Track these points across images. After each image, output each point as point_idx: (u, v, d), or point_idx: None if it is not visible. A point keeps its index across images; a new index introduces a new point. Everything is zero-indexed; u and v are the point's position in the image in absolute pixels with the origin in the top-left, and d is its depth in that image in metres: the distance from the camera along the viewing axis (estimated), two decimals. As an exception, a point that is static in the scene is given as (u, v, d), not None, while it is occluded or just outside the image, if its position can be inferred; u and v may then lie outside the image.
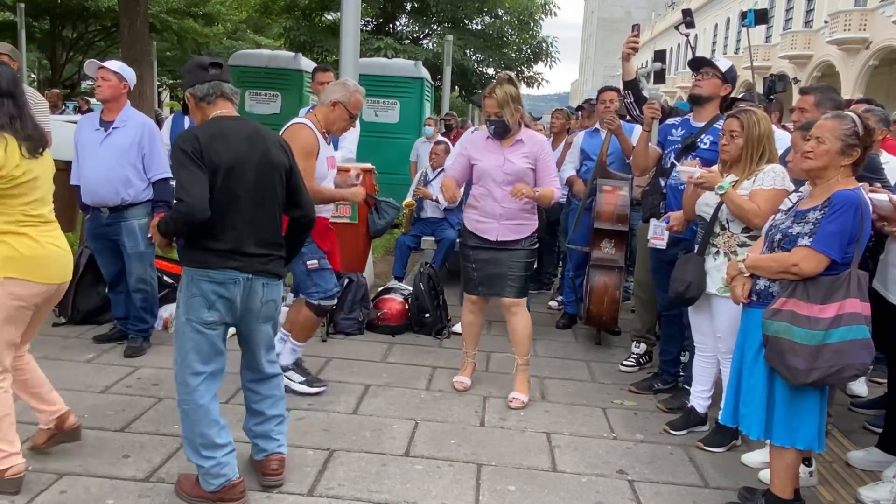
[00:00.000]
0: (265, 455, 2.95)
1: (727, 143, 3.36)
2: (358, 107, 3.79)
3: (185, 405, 2.72)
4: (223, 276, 2.67)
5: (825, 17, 29.01)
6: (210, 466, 2.70)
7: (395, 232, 7.43)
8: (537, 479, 3.16)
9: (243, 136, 2.72)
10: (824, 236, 2.60)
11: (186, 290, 2.70)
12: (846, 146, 2.66)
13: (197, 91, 2.77)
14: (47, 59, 23.69)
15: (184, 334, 2.70)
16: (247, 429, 3.00)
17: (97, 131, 4.29)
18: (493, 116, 3.82)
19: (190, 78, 2.79)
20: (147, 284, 4.49)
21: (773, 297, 2.78)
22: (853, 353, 2.56)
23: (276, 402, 2.99)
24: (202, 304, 2.67)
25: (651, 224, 4.04)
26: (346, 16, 5.85)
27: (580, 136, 5.63)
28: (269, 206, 2.77)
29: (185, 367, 2.71)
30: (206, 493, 2.72)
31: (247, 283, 2.71)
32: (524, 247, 3.99)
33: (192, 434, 2.71)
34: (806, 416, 2.71)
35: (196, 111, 2.82)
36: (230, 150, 2.66)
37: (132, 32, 8.59)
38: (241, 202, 2.68)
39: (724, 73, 3.94)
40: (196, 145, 2.60)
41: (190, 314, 2.68)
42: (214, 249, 2.66)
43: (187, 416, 2.72)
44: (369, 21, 20.10)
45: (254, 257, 2.72)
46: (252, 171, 2.70)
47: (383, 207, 5.05)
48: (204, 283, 2.66)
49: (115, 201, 4.29)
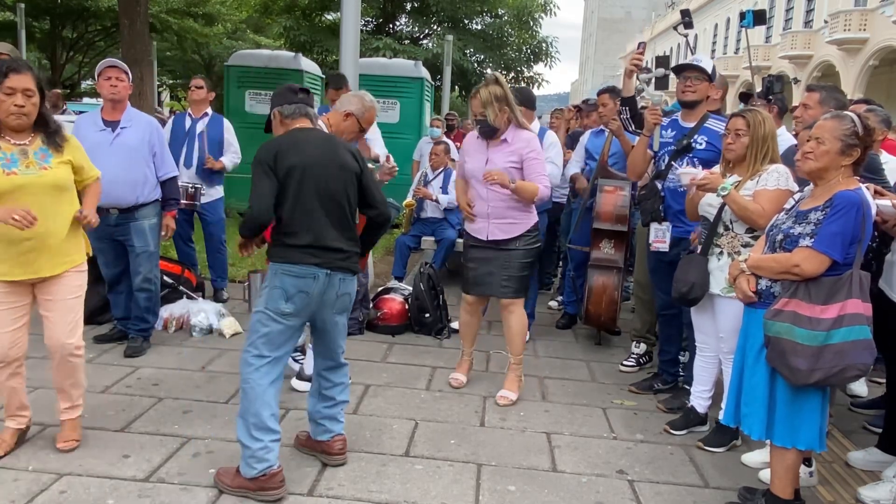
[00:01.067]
0: (332, 436, 3.17)
1: (732, 142, 3.35)
2: (370, 122, 3.92)
3: (246, 384, 2.88)
4: (304, 270, 2.86)
5: (825, 17, 29.01)
6: (257, 448, 2.82)
7: (395, 232, 7.43)
8: (537, 479, 3.16)
9: (316, 143, 2.97)
10: (826, 237, 2.60)
11: (270, 282, 2.91)
12: (846, 146, 2.66)
13: (284, 110, 3.06)
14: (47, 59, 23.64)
15: (259, 321, 2.90)
16: (314, 411, 3.19)
17: (104, 132, 4.25)
18: (479, 116, 3.87)
19: (279, 99, 3.09)
20: (152, 284, 4.51)
21: (774, 297, 2.78)
22: (855, 354, 2.56)
23: (345, 388, 3.22)
24: (281, 295, 2.87)
25: (652, 228, 4.02)
26: (346, 16, 5.85)
27: (585, 136, 5.63)
28: (343, 205, 2.98)
29: (253, 349, 2.89)
30: (247, 482, 2.83)
31: (326, 278, 2.91)
32: (519, 247, 3.98)
33: (247, 413, 2.85)
34: (807, 416, 2.71)
35: (280, 127, 3.09)
36: (303, 156, 2.89)
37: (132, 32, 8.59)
38: (317, 202, 2.90)
39: (710, 73, 3.95)
40: (273, 153, 2.86)
41: (269, 304, 2.88)
42: (294, 245, 2.87)
43: (246, 395, 2.87)
44: (369, 21, 20.10)
45: (332, 253, 2.92)
46: (324, 174, 2.92)
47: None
48: (286, 276, 2.86)
49: (129, 202, 4.28)
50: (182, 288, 5.34)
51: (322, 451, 3.17)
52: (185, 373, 4.16)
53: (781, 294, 2.72)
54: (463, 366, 4.31)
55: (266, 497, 2.82)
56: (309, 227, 2.87)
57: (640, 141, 4.10)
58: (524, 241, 3.99)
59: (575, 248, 5.42)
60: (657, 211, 3.99)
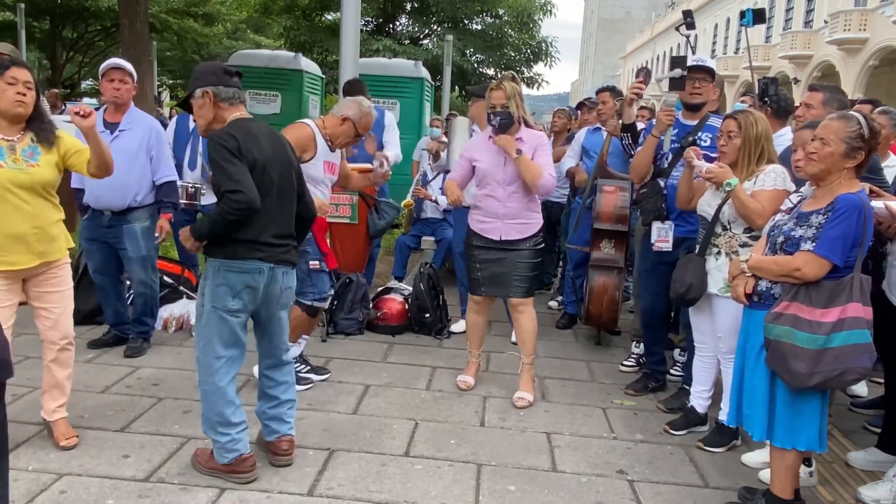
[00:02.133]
0: (277, 436, 3.14)
1: (725, 144, 3.36)
2: (367, 128, 3.95)
3: (206, 385, 2.92)
4: (250, 265, 2.85)
5: (825, 17, 29.01)
6: (225, 441, 2.92)
7: (395, 232, 7.43)
8: (537, 479, 3.16)
9: (268, 138, 2.93)
10: (827, 241, 2.59)
11: (213, 279, 2.87)
12: (850, 149, 2.63)
13: (221, 92, 2.91)
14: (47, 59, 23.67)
15: (209, 321, 2.88)
16: (260, 412, 3.18)
17: (102, 133, 4.21)
18: (500, 108, 3.86)
19: (212, 78, 2.91)
20: (148, 287, 4.47)
21: (774, 298, 2.78)
22: (855, 358, 2.56)
23: (289, 387, 3.20)
24: (227, 292, 2.85)
25: (654, 227, 4.01)
26: (346, 16, 5.86)
27: (581, 133, 5.63)
28: (288, 201, 2.99)
29: (209, 350, 2.90)
30: (220, 466, 2.95)
31: (269, 271, 2.90)
32: (528, 247, 4.01)
33: (211, 412, 2.92)
34: (807, 417, 2.71)
35: (211, 109, 2.92)
36: (260, 150, 2.85)
37: (132, 32, 8.58)
38: (276, 199, 2.89)
39: (713, 73, 3.96)
40: (235, 143, 2.77)
41: (215, 302, 2.86)
42: (242, 240, 2.83)
43: (206, 396, 2.93)
44: (369, 21, 20.10)
45: (275, 247, 2.91)
46: (277, 169, 2.90)
47: (383, 208, 5.07)
48: (231, 272, 2.84)
49: (122, 205, 4.26)
50: (182, 288, 5.34)
51: (270, 451, 3.15)
52: (185, 373, 4.16)
53: (782, 297, 2.72)
54: (471, 368, 4.31)
55: (238, 479, 2.94)
56: (257, 221, 2.83)
57: (649, 142, 4.03)
58: (532, 242, 4.02)
59: (573, 247, 5.42)
60: (660, 210, 3.98)
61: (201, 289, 2.95)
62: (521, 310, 4.08)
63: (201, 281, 2.96)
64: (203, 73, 2.94)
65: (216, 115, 2.92)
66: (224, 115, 2.92)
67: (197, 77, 2.94)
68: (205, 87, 2.90)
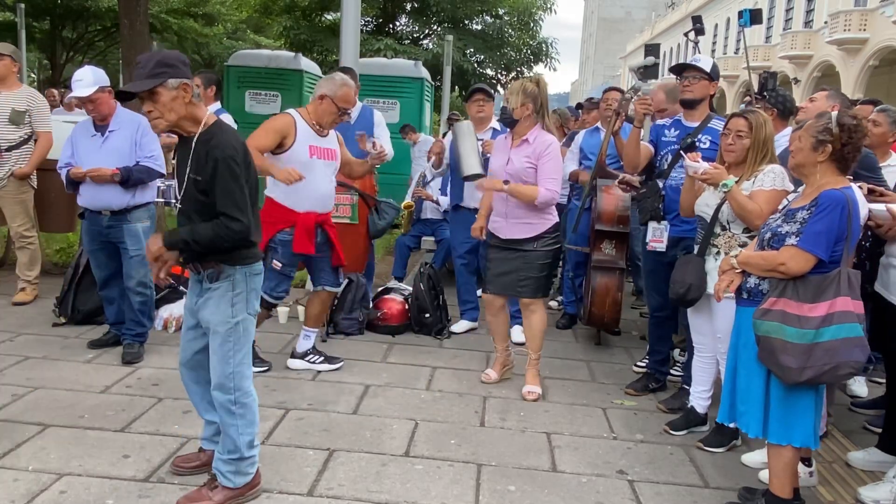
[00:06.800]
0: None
1: (733, 143, 3.33)
2: (346, 100, 3.95)
3: (246, 398, 2.76)
4: (261, 267, 2.85)
5: (825, 18, 29.01)
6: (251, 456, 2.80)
7: (395, 232, 7.43)
8: (537, 479, 3.16)
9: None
10: (810, 235, 2.62)
11: (244, 287, 2.72)
12: (816, 142, 2.70)
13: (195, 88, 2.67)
14: (47, 59, 23.71)
15: (246, 329, 2.75)
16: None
17: (94, 137, 4.29)
18: (504, 104, 4.02)
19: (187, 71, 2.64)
20: (147, 288, 4.46)
21: (763, 294, 2.79)
22: (846, 351, 2.57)
23: None
24: (254, 296, 2.80)
25: (649, 227, 4.03)
26: (346, 16, 5.86)
27: (580, 135, 5.63)
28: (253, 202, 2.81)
29: (245, 360, 2.76)
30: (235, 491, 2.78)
31: None
32: (538, 247, 4.03)
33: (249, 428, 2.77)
34: (801, 413, 2.71)
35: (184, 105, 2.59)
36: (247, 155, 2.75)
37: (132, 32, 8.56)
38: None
39: (710, 72, 3.95)
40: (241, 153, 2.61)
41: (249, 309, 2.76)
42: (254, 243, 2.77)
43: (246, 411, 2.76)
44: (369, 21, 20.12)
45: None
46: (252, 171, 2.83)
47: (383, 208, 5.06)
48: (256, 276, 2.80)
49: (119, 205, 4.28)
50: (182, 288, 5.33)
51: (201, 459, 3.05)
52: (185, 373, 4.15)
53: (770, 293, 2.74)
54: (497, 364, 4.39)
55: (254, 494, 2.85)
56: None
57: (633, 133, 4.07)
58: (543, 243, 4.05)
59: (573, 248, 5.42)
60: (657, 209, 4.00)
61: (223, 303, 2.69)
62: (531, 308, 4.16)
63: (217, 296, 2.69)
64: (178, 62, 2.60)
65: (188, 113, 2.60)
66: (198, 114, 2.63)
67: (170, 64, 2.56)
68: (183, 80, 2.57)
